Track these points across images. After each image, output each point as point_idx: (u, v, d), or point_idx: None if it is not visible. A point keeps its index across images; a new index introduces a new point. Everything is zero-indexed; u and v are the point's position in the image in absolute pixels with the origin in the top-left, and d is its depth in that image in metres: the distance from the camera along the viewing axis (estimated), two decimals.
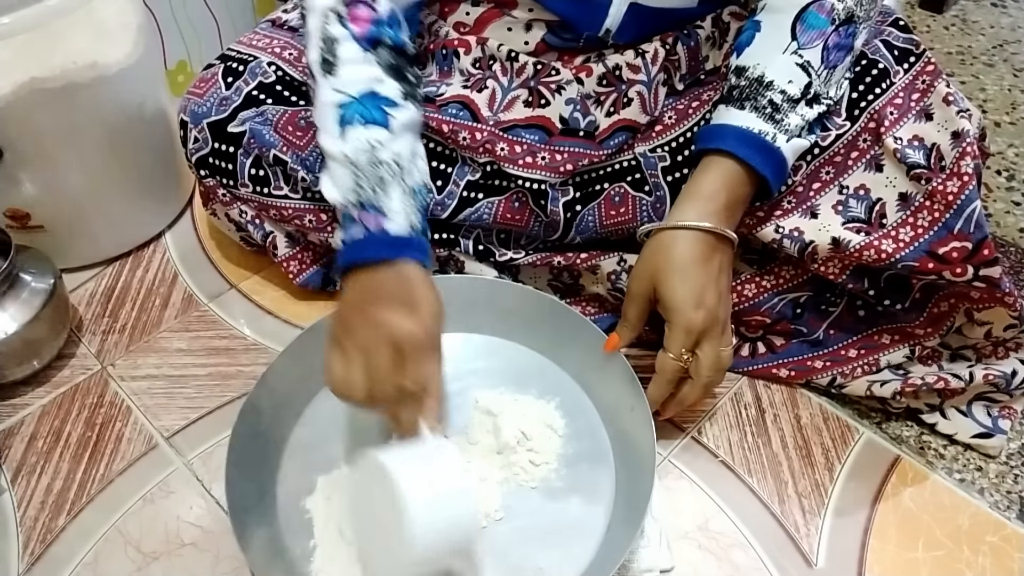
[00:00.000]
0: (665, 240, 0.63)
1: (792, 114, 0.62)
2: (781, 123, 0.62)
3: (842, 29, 0.62)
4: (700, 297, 0.61)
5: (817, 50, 0.62)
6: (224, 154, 0.77)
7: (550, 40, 0.72)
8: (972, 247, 0.63)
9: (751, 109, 0.62)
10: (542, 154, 0.73)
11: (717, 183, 0.63)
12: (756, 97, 0.62)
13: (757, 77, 0.63)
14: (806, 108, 0.63)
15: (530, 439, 0.67)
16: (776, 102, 0.62)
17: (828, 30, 0.62)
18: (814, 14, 0.62)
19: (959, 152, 0.63)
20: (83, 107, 0.81)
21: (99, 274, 0.92)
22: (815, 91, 0.63)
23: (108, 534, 0.67)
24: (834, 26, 0.62)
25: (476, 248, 0.79)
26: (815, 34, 0.62)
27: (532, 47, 0.72)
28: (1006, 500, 0.69)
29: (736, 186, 0.63)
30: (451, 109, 0.75)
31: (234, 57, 0.78)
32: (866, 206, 0.67)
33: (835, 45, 0.62)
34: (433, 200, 0.76)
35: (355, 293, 0.59)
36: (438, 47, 0.76)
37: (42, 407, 0.77)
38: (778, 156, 0.62)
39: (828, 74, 0.63)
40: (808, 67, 0.62)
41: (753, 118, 0.62)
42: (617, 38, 0.70)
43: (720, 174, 0.63)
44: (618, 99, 0.73)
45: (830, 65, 0.62)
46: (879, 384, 0.72)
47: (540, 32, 0.71)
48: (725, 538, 0.66)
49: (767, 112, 0.62)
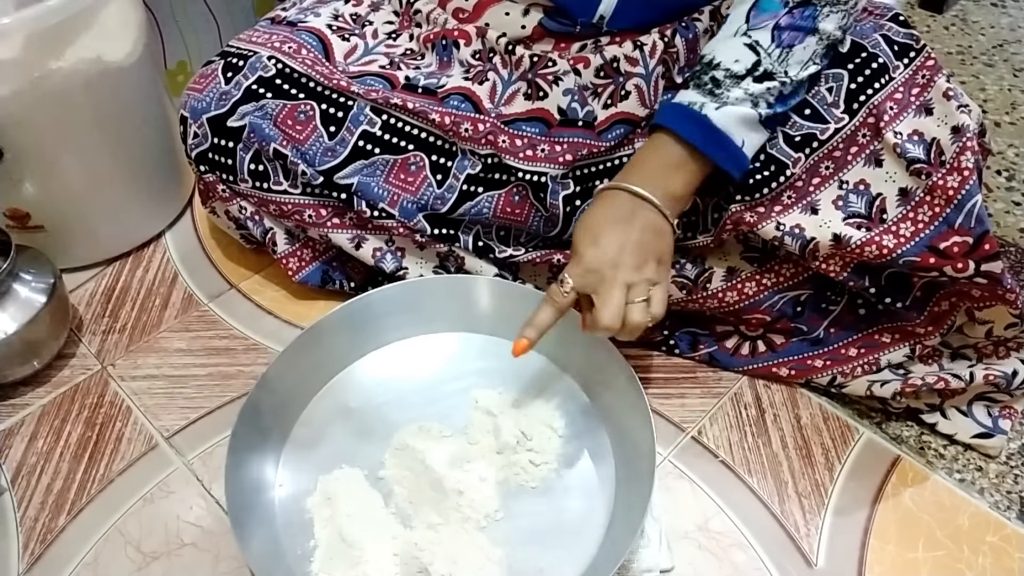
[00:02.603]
0: (588, 205, 0.66)
1: (735, 88, 0.63)
2: (719, 96, 0.63)
3: (797, 11, 0.62)
4: (597, 238, 0.62)
5: (766, 30, 0.63)
6: (224, 149, 0.77)
7: (547, 24, 0.72)
8: (973, 242, 0.63)
9: (694, 88, 0.64)
10: (541, 146, 0.74)
11: (643, 152, 0.65)
12: (699, 77, 0.64)
13: (708, 61, 0.64)
14: (752, 84, 0.63)
15: (530, 439, 0.67)
16: (718, 78, 0.63)
17: (780, 12, 0.62)
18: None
19: (959, 147, 0.63)
20: (83, 107, 0.81)
21: (99, 274, 0.92)
22: (764, 68, 0.63)
23: (108, 534, 0.67)
24: (787, 8, 0.62)
25: (476, 244, 0.79)
26: (767, 16, 0.63)
27: (529, 31, 0.73)
28: (1006, 500, 0.69)
29: (661, 154, 0.64)
30: (453, 101, 0.75)
31: (234, 53, 0.78)
32: (866, 201, 0.67)
33: (788, 25, 0.62)
34: (433, 195, 0.76)
35: None
36: (438, 37, 0.76)
37: (42, 407, 0.77)
38: (705, 123, 0.63)
39: (782, 52, 0.63)
40: (757, 46, 0.63)
41: (692, 94, 0.64)
42: (612, 25, 0.71)
43: (649, 145, 0.65)
44: (616, 92, 0.73)
45: (784, 44, 0.63)
46: (879, 384, 0.72)
47: (537, 16, 0.72)
48: (725, 538, 0.66)
49: (707, 88, 0.63)
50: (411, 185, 0.77)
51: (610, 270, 0.61)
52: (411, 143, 0.76)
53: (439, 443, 0.68)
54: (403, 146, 0.76)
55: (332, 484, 0.65)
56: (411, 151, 0.76)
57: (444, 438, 0.68)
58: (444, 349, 0.76)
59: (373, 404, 0.72)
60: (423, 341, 0.77)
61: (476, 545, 0.61)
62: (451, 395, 0.72)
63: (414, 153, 0.76)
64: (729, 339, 0.79)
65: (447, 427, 0.69)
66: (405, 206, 0.77)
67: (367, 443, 0.69)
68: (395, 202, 0.77)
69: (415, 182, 0.77)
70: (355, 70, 0.79)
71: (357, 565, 0.60)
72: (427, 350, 0.76)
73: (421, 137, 0.76)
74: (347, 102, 0.76)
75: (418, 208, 0.77)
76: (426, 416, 0.70)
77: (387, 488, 0.66)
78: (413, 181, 0.77)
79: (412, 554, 0.60)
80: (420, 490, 0.65)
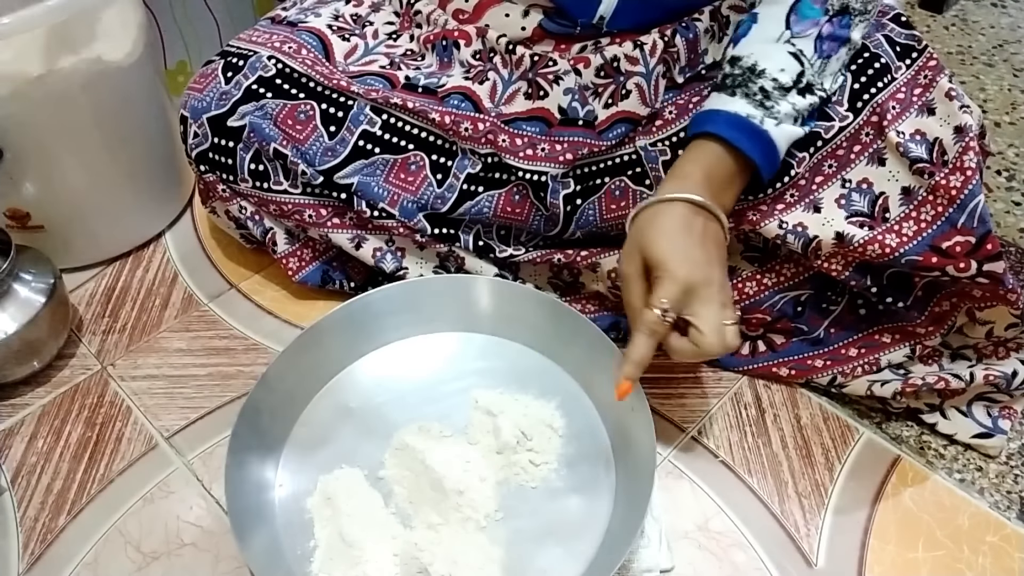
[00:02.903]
0: (647, 216, 0.61)
1: (783, 101, 0.62)
2: (771, 109, 0.62)
3: (836, 20, 0.62)
4: (686, 252, 0.58)
5: (810, 39, 0.62)
6: (224, 149, 0.77)
7: (547, 26, 0.72)
8: (975, 242, 0.63)
9: (742, 96, 0.63)
10: (542, 145, 0.74)
11: (697, 163, 0.63)
12: (747, 84, 0.63)
13: (750, 66, 0.63)
14: (797, 97, 0.62)
15: (530, 439, 0.67)
16: (767, 89, 0.62)
17: (822, 20, 0.62)
18: (808, 4, 0.62)
19: (962, 147, 0.63)
20: (83, 107, 0.81)
21: (99, 274, 0.92)
22: (807, 80, 0.63)
23: (108, 534, 0.67)
24: (828, 16, 0.62)
25: (476, 244, 0.79)
26: (808, 24, 0.62)
27: (529, 32, 0.73)
28: (1006, 500, 0.69)
29: (717, 166, 0.62)
30: (453, 100, 0.75)
31: (234, 52, 0.78)
32: (869, 200, 0.67)
33: (829, 35, 0.62)
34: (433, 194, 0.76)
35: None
36: (438, 38, 0.76)
37: (42, 407, 0.77)
38: (765, 138, 0.62)
39: (822, 64, 0.63)
40: (801, 56, 0.62)
41: (743, 104, 0.62)
42: (612, 25, 0.71)
43: (701, 154, 0.63)
44: (616, 91, 0.73)
45: (824, 55, 0.62)
46: (879, 384, 0.72)
47: (537, 17, 0.72)
48: (725, 538, 0.66)
49: (757, 99, 0.62)
50: (411, 185, 0.77)
51: (705, 288, 0.58)
52: (411, 142, 0.76)
53: (439, 443, 0.68)
54: (403, 145, 0.76)
55: (332, 484, 0.65)
56: (411, 150, 0.76)
57: (444, 438, 0.68)
58: (444, 349, 0.76)
59: (373, 404, 0.72)
60: (423, 341, 0.77)
61: (476, 545, 0.61)
62: (451, 395, 0.72)
63: (414, 152, 0.76)
64: None
65: (447, 427, 0.69)
66: (405, 206, 0.77)
67: (367, 443, 0.69)
68: (395, 202, 0.77)
69: (415, 182, 0.77)
70: (355, 70, 0.79)
71: (357, 565, 0.60)
72: (427, 350, 0.76)
73: (421, 136, 0.76)
74: (347, 102, 0.76)
75: (418, 208, 0.77)
76: (426, 416, 0.70)
77: (387, 488, 0.66)
78: (413, 181, 0.77)
79: (412, 554, 0.60)
80: (420, 490, 0.65)
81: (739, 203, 0.68)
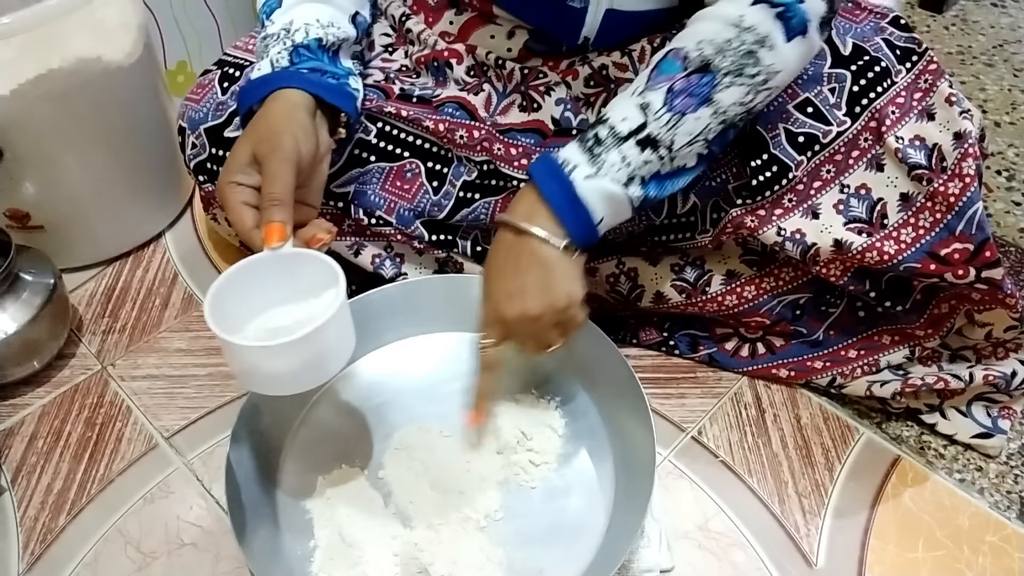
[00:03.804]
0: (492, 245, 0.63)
1: (613, 150, 0.59)
2: (597, 157, 0.59)
3: (695, 76, 0.58)
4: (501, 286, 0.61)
5: (660, 92, 0.59)
6: (222, 159, 0.77)
7: (533, 47, 0.72)
8: (974, 249, 0.63)
9: (577, 141, 0.61)
10: (536, 155, 0.73)
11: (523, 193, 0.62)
12: (587, 130, 0.61)
13: (599, 115, 0.61)
14: (634, 148, 0.59)
15: (530, 439, 0.67)
16: (600, 137, 0.59)
17: (678, 75, 0.59)
18: (669, 60, 0.60)
19: (961, 153, 0.63)
20: (83, 107, 0.81)
21: (99, 274, 0.92)
22: (650, 133, 0.59)
23: (108, 534, 0.67)
24: (685, 72, 0.59)
25: (474, 249, 0.79)
26: (663, 78, 0.59)
27: (515, 53, 0.73)
28: (1006, 500, 0.69)
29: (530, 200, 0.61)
30: (448, 108, 0.75)
31: (230, 62, 0.78)
32: (867, 206, 0.67)
33: (682, 90, 0.58)
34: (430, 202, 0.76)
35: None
36: (429, 60, 0.76)
37: (42, 407, 0.77)
38: (568, 188, 0.59)
39: (673, 119, 0.58)
40: (646, 108, 0.59)
41: (573, 148, 0.60)
42: (597, 44, 0.70)
43: (528, 186, 0.61)
44: (608, 98, 0.73)
45: (676, 110, 0.59)
46: (879, 384, 0.72)
47: (523, 38, 0.72)
48: (725, 538, 0.66)
49: (588, 145, 0.60)
50: (407, 192, 0.77)
51: (519, 324, 0.60)
52: (406, 150, 0.76)
53: (439, 443, 0.68)
54: (398, 153, 0.76)
55: (332, 484, 0.65)
56: (407, 158, 0.76)
57: (444, 438, 0.68)
58: (443, 349, 0.76)
59: (373, 404, 0.72)
60: (422, 341, 0.77)
61: (476, 545, 0.61)
62: (451, 395, 0.72)
63: (410, 160, 0.76)
64: (729, 341, 0.79)
65: (447, 427, 0.69)
66: (402, 213, 0.76)
67: (367, 443, 0.69)
68: (392, 210, 0.76)
69: (411, 189, 0.77)
70: None
71: (357, 565, 0.60)
72: (426, 350, 0.76)
73: (416, 144, 0.76)
74: None
75: (415, 215, 0.77)
76: (426, 416, 0.70)
77: (387, 488, 0.66)
78: (409, 188, 0.77)
79: (412, 554, 0.60)
80: (420, 490, 0.65)
81: (737, 208, 0.68)
